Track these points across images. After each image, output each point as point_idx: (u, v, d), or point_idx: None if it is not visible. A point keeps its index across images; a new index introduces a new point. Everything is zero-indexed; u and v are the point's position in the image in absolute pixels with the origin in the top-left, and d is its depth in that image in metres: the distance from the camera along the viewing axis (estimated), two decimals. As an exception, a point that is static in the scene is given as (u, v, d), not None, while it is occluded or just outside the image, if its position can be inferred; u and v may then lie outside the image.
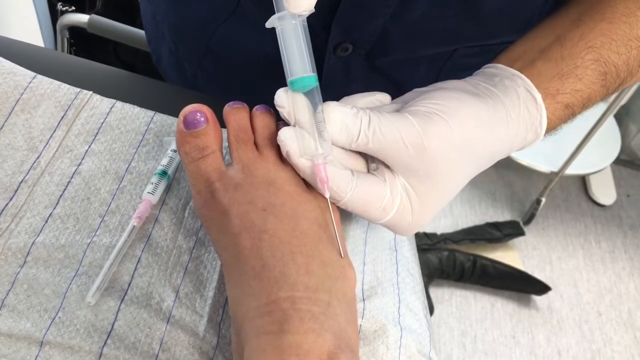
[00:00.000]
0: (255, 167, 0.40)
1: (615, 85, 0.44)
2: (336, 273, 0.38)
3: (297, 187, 0.41)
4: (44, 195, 0.45)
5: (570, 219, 1.86)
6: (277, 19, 0.37)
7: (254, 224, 0.38)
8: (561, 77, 0.42)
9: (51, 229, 0.43)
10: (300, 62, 0.38)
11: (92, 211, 0.45)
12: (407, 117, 0.38)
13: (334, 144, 0.39)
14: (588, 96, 0.43)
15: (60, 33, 0.99)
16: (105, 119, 0.50)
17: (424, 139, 0.37)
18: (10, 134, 0.47)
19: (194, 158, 0.41)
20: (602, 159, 1.79)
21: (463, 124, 0.38)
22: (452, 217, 1.78)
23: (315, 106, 0.38)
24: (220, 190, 0.40)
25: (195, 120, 0.40)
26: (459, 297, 1.61)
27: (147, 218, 0.45)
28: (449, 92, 0.40)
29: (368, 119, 0.37)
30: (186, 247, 0.45)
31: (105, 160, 0.48)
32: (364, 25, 0.52)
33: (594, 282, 1.72)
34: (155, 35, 0.70)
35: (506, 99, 0.40)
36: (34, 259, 0.42)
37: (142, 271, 0.43)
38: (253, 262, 0.37)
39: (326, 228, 0.40)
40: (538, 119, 0.41)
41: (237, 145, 0.41)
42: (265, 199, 0.39)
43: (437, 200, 0.40)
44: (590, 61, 0.42)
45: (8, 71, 0.50)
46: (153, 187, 0.46)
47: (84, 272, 0.42)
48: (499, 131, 0.40)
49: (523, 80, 0.42)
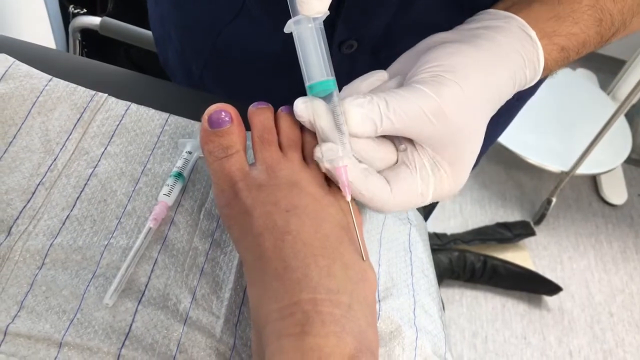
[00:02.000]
0: (279, 168, 0.41)
1: (609, 33, 0.45)
2: (357, 276, 0.38)
3: (320, 188, 0.41)
4: (61, 198, 0.45)
5: (581, 219, 1.85)
6: (293, 24, 0.37)
7: (276, 225, 0.38)
8: (557, 19, 0.42)
9: (69, 230, 0.43)
10: (318, 66, 0.38)
11: (108, 213, 0.45)
12: (420, 88, 0.38)
13: (361, 135, 0.39)
14: (583, 41, 0.44)
15: (72, 35, 1.00)
16: (120, 121, 0.50)
17: (442, 104, 0.37)
18: (27, 137, 0.47)
19: (218, 157, 0.41)
20: (613, 158, 1.78)
21: (469, 76, 0.38)
22: (462, 217, 1.77)
23: (334, 108, 0.38)
24: (243, 190, 0.40)
25: (220, 120, 0.40)
26: (470, 298, 1.61)
27: (163, 220, 0.45)
28: (443, 50, 0.40)
29: (385, 102, 0.37)
30: (202, 248, 0.45)
31: (121, 163, 0.48)
32: (369, 23, 0.52)
33: (606, 282, 1.71)
34: (162, 37, 0.71)
35: (501, 38, 0.41)
36: (52, 261, 0.42)
37: (159, 272, 0.43)
38: (275, 264, 0.37)
39: (348, 230, 0.41)
40: (535, 55, 0.41)
41: (262, 145, 0.42)
42: (289, 200, 0.39)
43: (467, 158, 0.41)
44: (586, 6, 0.43)
45: (24, 74, 0.51)
46: (169, 189, 0.46)
47: (102, 274, 0.42)
48: (501, 71, 0.40)
49: (517, 20, 0.42)
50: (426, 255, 0.54)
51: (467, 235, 1.66)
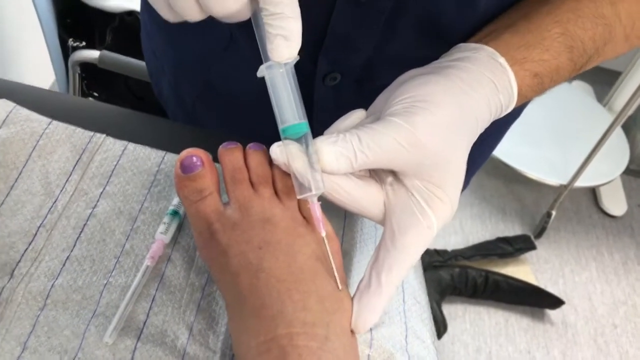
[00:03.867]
0: (251, 206, 0.42)
1: (582, 60, 0.46)
2: (334, 306, 0.40)
3: (293, 222, 0.42)
4: (62, 239, 0.47)
5: (582, 231, 1.86)
6: (265, 68, 0.39)
7: (251, 263, 0.39)
8: (528, 47, 0.43)
9: (69, 271, 0.45)
10: (290, 110, 0.39)
11: (107, 252, 0.47)
12: (392, 120, 0.39)
13: (337, 172, 0.39)
14: (556, 67, 0.44)
15: (72, 69, 1.02)
16: (118, 161, 0.52)
17: (415, 132, 0.38)
18: (29, 180, 0.49)
19: (193, 200, 0.42)
20: (612, 169, 1.79)
21: (439, 103, 0.39)
22: (463, 233, 1.78)
23: (308, 149, 0.39)
24: (219, 231, 0.41)
25: (192, 164, 0.42)
26: (473, 313, 1.61)
27: (160, 257, 0.47)
28: (414, 82, 0.41)
29: (357, 138, 0.38)
30: (198, 284, 0.46)
31: (119, 202, 0.50)
32: (350, 57, 0.53)
33: (608, 294, 1.71)
34: (155, 69, 0.73)
35: (471, 66, 0.42)
36: (53, 302, 0.43)
37: (157, 310, 0.44)
38: (252, 301, 0.38)
39: (324, 260, 0.42)
40: (507, 81, 0.42)
41: (233, 185, 0.43)
42: (261, 237, 0.40)
43: (455, 179, 0.41)
44: (557, 34, 0.44)
45: (25, 118, 0.52)
46: (165, 227, 0.48)
47: (101, 313, 0.43)
48: (473, 95, 0.41)
49: (486, 49, 0.43)
50: (418, 281, 0.56)
51: (468, 250, 1.67)
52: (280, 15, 0.35)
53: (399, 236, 0.40)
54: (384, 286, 0.41)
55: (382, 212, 0.42)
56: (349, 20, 0.49)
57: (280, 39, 0.35)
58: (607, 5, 0.46)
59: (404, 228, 0.40)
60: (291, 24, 0.35)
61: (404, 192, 0.41)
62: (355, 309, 0.41)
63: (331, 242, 0.43)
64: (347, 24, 0.49)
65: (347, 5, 0.47)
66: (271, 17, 0.35)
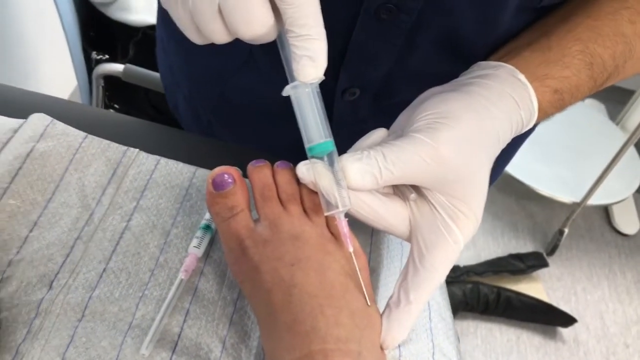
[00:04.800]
0: (281, 223, 0.43)
1: (603, 77, 0.46)
2: (364, 322, 0.40)
3: (321, 238, 0.43)
4: (98, 251, 0.48)
5: (594, 250, 1.85)
6: (290, 88, 0.39)
7: (283, 279, 0.40)
8: (548, 64, 0.44)
9: (106, 283, 0.46)
10: (316, 129, 0.40)
11: (142, 265, 0.48)
12: (415, 136, 0.40)
13: (362, 189, 0.40)
14: (576, 84, 0.45)
15: (95, 81, 1.04)
16: (151, 176, 0.53)
17: (438, 148, 0.39)
18: (65, 193, 0.50)
19: (225, 217, 0.43)
20: (624, 188, 1.79)
21: (461, 118, 0.40)
22: (475, 249, 1.78)
23: (333, 166, 0.40)
24: (250, 247, 0.42)
25: (223, 182, 0.43)
26: (484, 330, 1.61)
27: (194, 271, 0.48)
28: (436, 99, 0.42)
29: (382, 155, 0.39)
30: (230, 298, 0.47)
31: (152, 216, 0.51)
32: (370, 72, 0.54)
33: (620, 313, 1.71)
34: (171, 84, 0.74)
35: (491, 83, 0.42)
36: (91, 313, 0.44)
37: (191, 323, 0.45)
38: (285, 317, 0.39)
39: (353, 276, 0.43)
40: (527, 97, 0.43)
41: (263, 202, 0.44)
42: (292, 253, 0.41)
43: (478, 194, 0.42)
44: (577, 52, 0.45)
45: (61, 132, 0.54)
46: (198, 241, 0.49)
47: (137, 325, 0.44)
48: (494, 111, 0.41)
49: (506, 67, 0.44)
50: (443, 298, 0.56)
51: (480, 267, 1.67)
52: (306, 36, 0.36)
53: (426, 254, 0.41)
54: (412, 304, 0.41)
55: (408, 228, 0.43)
56: (370, 36, 0.50)
57: (307, 59, 0.36)
58: (627, 23, 0.46)
59: (430, 245, 0.41)
60: (317, 45, 0.36)
61: (428, 208, 0.42)
62: (385, 325, 0.42)
63: (359, 258, 0.44)
64: (368, 39, 0.50)
65: (369, 21, 0.48)
66: (297, 38, 0.36)
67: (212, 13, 0.35)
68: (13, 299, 0.44)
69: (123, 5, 1.14)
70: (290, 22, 0.35)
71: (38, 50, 1.57)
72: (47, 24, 1.53)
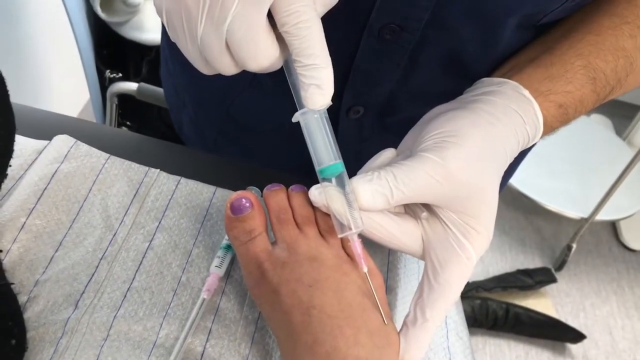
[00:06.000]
0: (298, 245, 0.44)
1: (605, 91, 0.47)
2: (382, 341, 0.41)
3: (338, 259, 0.44)
4: (122, 271, 0.49)
5: (602, 265, 1.85)
6: (300, 115, 0.40)
7: (302, 300, 0.41)
8: (551, 79, 0.45)
9: (130, 302, 0.47)
10: (326, 152, 0.41)
11: (165, 285, 0.49)
12: (424, 156, 0.40)
13: (374, 209, 0.41)
14: (580, 98, 0.46)
15: (110, 100, 1.06)
16: (172, 196, 0.54)
17: (447, 166, 0.40)
18: (89, 213, 0.51)
19: (243, 241, 0.44)
20: (632, 204, 1.80)
21: (469, 136, 0.41)
22: (483, 264, 1.78)
23: (343, 188, 0.41)
24: (269, 270, 0.43)
25: (242, 206, 0.44)
26: (493, 346, 1.61)
27: (215, 290, 0.49)
28: (442, 118, 0.43)
29: (392, 175, 0.40)
30: (252, 317, 0.48)
31: (174, 236, 0.52)
32: (373, 91, 0.55)
33: (629, 328, 1.70)
34: (176, 105, 0.75)
35: (496, 99, 0.43)
36: (116, 332, 0.45)
37: (214, 342, 0.46)
38: (305, 338, 0.40)
39: (370, 296, 0.43)
40: (532, 112, 0.44)
41: (279, 225, 0.45)
42: (310, 275, 0.42)
43: (488, 209, 0.42)
44: (579, 67, 0.46)
45: (85, 154, 0.55)
46: (219, 260, 0.50)
47: (161, 344, 0.45)
48: (500, 127, 0.42)
49: (510, 83, 0.45)
50: (460, 317, 0.57)
51: (489, 282, 1.67)
52: (313, 66, 0.37)
53: (440, 271, 0.42)
54: (429, 321, 0.42)
55: (421, 247, 0.44)
56: (374, 56, 0.51)
57: (315, 88, 0.37)
58: (628, 38, 0.47)
59: (444, 263, 0.42)
60: (323, 73, 0.37)
61: (440, 226, 0.42)
62: (403, 344, 0.43)
63: (374, 278, 0.45)
64: (372, 59, 0.51)
65: (373, 41, 0.49)
66: (304, 68, 0.37)
67: (220, 48, 0.36)
68: (40, 318, 0.45)
69: (136, 24, 1.16)
70: (296, 52, 0.36)
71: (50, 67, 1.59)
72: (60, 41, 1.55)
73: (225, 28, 0.35)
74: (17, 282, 0.46)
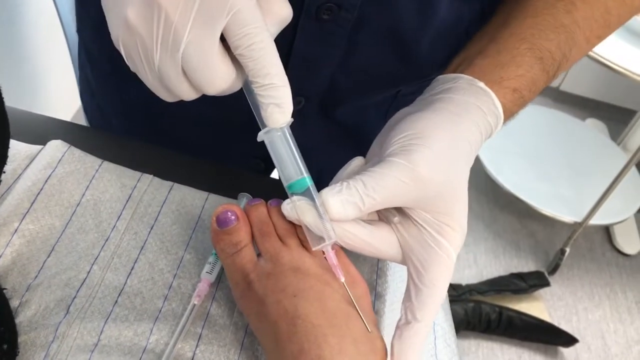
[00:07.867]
0: (281, 256, 0.45)
1: (554, 68, 0.49)
2: (367, 348, 0.42)
3: (321, 269, 0.45)
4: (114, 276, 0.49)
5: (595, 269, 1.86)
6: (264, 134, 0.41)
7: (287, 310, 0.42)
8: (502, 67, 0.46)
9: (121, 308, 0.47)
10: (292, 168, 0.42)
11: (156, 290, 0.49)
12: (392, 160, 0.41)
13: (346, 219, 0.42)
14: (532, 79, 0.47)
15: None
16: (164, 202, 0.55)
17: (416, 168, 0.40)
18: (82, 218, 0.52)
19: (229, 253, 0.45)
20: (626, 208, 1.81)
21: (433, 136, 0.42)
22: (477, 267, 1.79)
23: (313, 201, 0.42)
24: (255, 281, 0.44)
25: (227, 219, 0.45)
26: (486, 349, 1.61)
27: (206, 296, 0.49)
28: (406, 121, 0.44)
29: (362, 183, 0.41)
30: (241, 323, 0.49)
31: (166, 241, 0.52)
32: (313, 77, 0.56)
33: (621, 333, 1.71)
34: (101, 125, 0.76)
35: (454, 96, 0.45)
36: (107, 337, 0.46)
37: (203, 348, 0.46)
38: (291, 347, 0.41)
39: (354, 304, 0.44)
40: (490, 102, 0.45)
41: (262, 238, 0.46)
42: (294, 285, 0.43)
43: (460, 205, 0.43)
44: (525, 50, 0.47)
45: (78, 159, 0.55)
46: (210, 266, 0.50)
47: (151, 350, 0.46)
48: (464, 123, 0.44)
49: (464, 77, 0.46)
50: (448, 324, 0.58)
51: (482, 285, 1.68)
52: (270, 85, 0.38)
53: (424, 272, 0.43)
54: (421, 322, 0.43)
55: (399, 252, 0.45)
56: (313, 38, 0.51)
57: (274, 107, 0.38)
58: (564, 14, 0.49)
59: (425, 263, 0.43)
60: (282, 91, 0.38)
61: (414, 227, 0.43)
62: (397, 348, 0.43)
63: (356, 286, 0.46)
64: (310, 42, 0.52)
65: (311, 23, 0.50)
66: (262, 88, 0.38)
67: (177, 75, 0.37)
68: (32, 323, 0.46)
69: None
70: (252, 74, 0.37)
71: (45, 70, 1.59)
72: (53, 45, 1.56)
73: (179, 55, 0.35)
74: (9, 287, 0.47)
